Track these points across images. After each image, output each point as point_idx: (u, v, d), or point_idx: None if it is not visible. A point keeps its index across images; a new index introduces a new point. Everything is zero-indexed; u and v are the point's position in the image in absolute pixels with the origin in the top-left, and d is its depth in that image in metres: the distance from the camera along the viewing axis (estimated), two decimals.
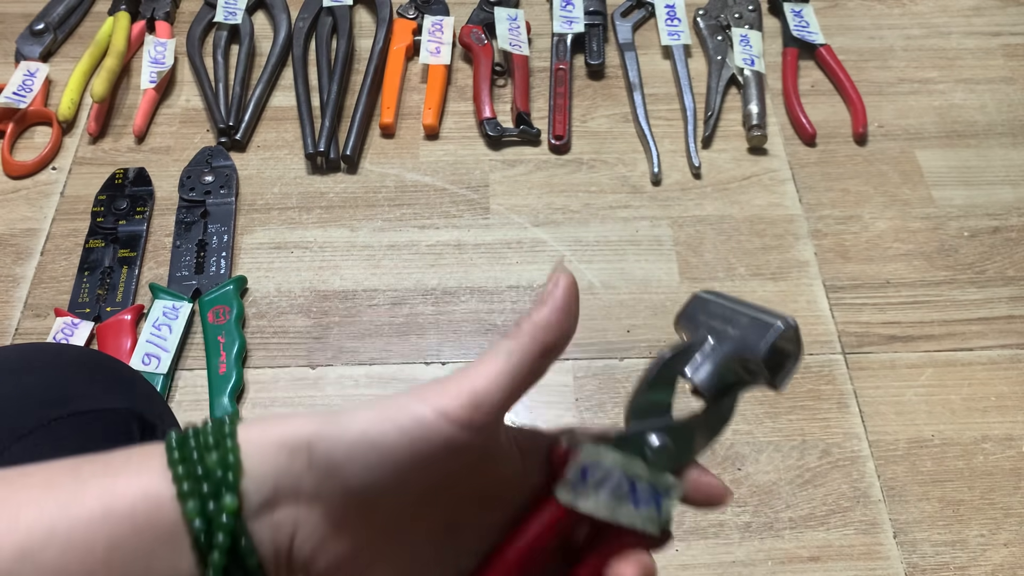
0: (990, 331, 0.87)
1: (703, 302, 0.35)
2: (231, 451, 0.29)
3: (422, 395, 0.29)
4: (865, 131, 1.02)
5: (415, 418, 0.29)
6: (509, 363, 0.30)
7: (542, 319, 0.31)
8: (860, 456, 0.79)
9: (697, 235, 0.94)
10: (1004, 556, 0.74)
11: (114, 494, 0.28)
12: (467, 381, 0.30)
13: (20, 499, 0.28)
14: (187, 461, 0.29)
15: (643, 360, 0.85)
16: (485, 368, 0.30)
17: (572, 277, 0.32)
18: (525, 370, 0.30)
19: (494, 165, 0.99)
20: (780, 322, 0.31)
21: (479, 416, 0.29)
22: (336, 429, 0.29)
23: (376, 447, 0.28)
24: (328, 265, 0.91)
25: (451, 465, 0.29)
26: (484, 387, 0.29)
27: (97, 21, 1.12)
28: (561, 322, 0.31)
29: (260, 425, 0.30)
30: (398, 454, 0.28)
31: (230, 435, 0.29)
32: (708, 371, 0.33)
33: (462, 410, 0.29)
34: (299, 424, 0.29)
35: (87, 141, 1.00)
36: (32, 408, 0.47)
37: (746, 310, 0.33)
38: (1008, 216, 0.96)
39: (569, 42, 1.08)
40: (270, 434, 0.29)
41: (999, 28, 1.14)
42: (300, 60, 1.05)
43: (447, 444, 0.29)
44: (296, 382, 0.83)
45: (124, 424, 0.50)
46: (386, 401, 0.29)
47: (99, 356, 0.56)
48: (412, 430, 0.28)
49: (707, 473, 0.34)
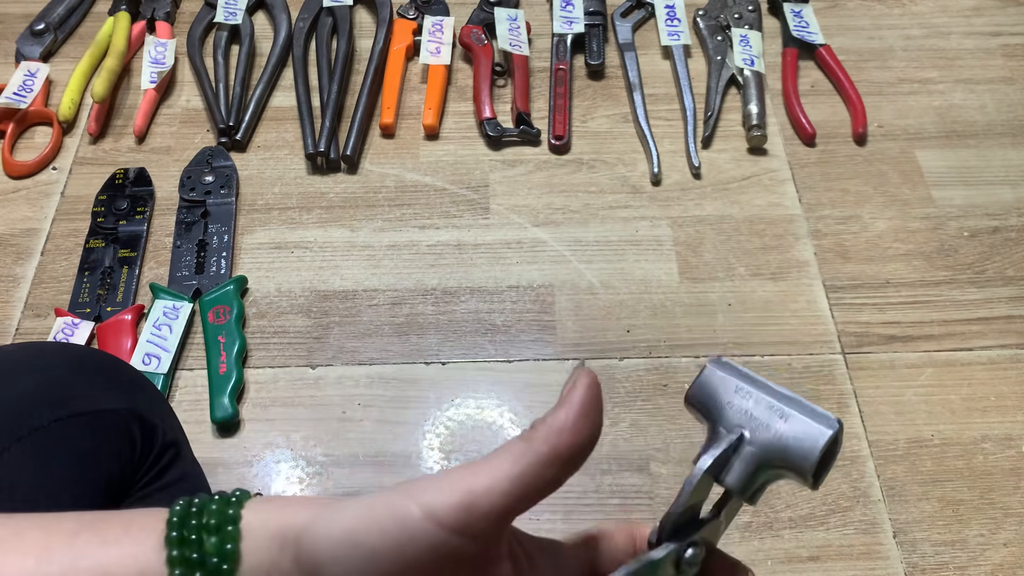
0: (990, 331, 0.87)
1: (720, 380, 0.31)
2: (231, 539, 0.28)
3: (412, 491, 0.27)
4: (865, 131, 1.02)
5: (400, 520, 0.26)
6: (515, 467, 0.27)
7: (557, 423, 0.27)
8: (860, 456, 0.79)
9: (697, 235, 0.94)
10: (1004, 556, 0.75)
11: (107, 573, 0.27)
12: (464, 480, 0.27)
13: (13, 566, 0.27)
14: (185, 543, 0.27)
15: (643, 360, 0.85)
16: (487, 468, 0.27)
17: (594, 377, 0.28)
18: (533, 477, 0.27)
19: (494, 165, 0.99)
20: (828, 427, 0.29)
21: (472, 521, 0.26)
22: (323, 526, 0.27)
23: (359, 548, 0.26)
24: (328, 265, 0.91)
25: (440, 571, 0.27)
26: (483, 489, 0.26)
27: (97, 21, 1.12)
28: (579, 428, 0.27)
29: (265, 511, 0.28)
30: (380, 557, 0.26)
31: (233, 520, 0.28)
32: (744, 474, 0.30)
33: (452, 512, 0.26)
34: (296, 512, 0.28)
35: (87, 141, 1.00)
36: (32, 408, 0.47)
37: (779, 402, 0.30)
38: (1008, 216, 0.96)
39: (569, 42, 1.08)
40: (271, 523, 0.28)
41: (999, 28, 1.14)
42: (300, 60, 1.05)
43: (434, 549, 0.26)
44: (296, 382, 0.83)
45: (124, 425, 0.50)
46: (377, 496, 0.27)
47: (101, 356, 0.56)
48: (396, 533, 0.26)
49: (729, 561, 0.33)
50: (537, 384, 0.83)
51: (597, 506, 0.76)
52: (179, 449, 0.55)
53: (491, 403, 0.82)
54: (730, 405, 0.30)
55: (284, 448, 0.79)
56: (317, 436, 0.80)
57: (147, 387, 0.56)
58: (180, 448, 0.55)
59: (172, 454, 0.54)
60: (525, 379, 0.83)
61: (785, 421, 0.29)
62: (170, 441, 0.54)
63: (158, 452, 0.52)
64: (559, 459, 0.27)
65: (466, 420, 0.81)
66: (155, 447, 0.52)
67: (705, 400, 0.31)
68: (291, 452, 0.79)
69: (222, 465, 0.78)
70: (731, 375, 0.31)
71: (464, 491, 0.26)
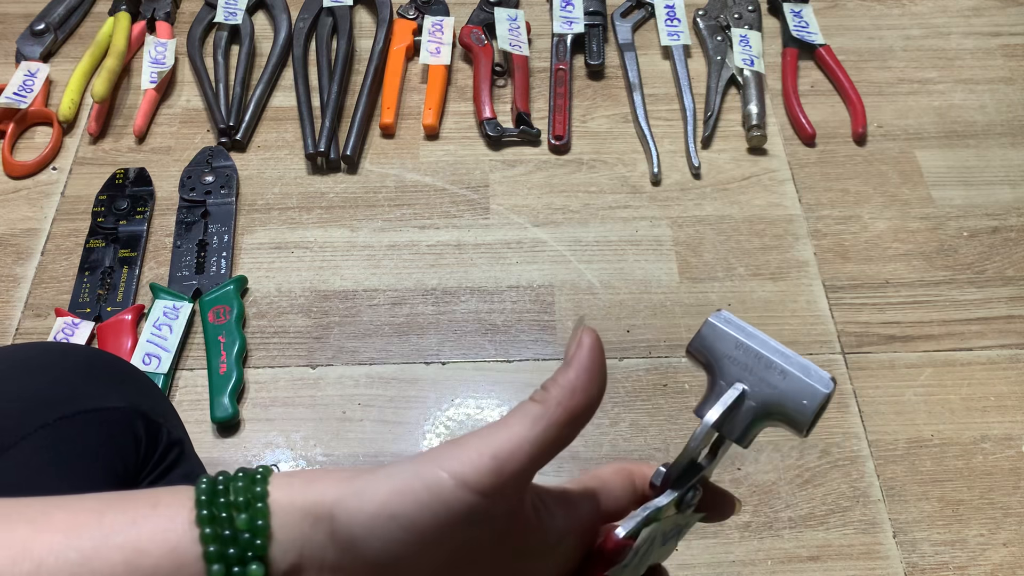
0: (989, 331, 0.87)
1: (721, 333, 0.33)
2: (261, 514, 0.28)
3: (441, 460, 0.28)
4: (864, 131, 1.02)
5: (433, 489, 0.27)
6: (534, 430, 0.28)
7: (568, 383, 0.29)
8: (860, 456, 0.79)
9: (697, 235, 0.94)
10: (1004, 556, 0.75)
11: (138, 549, 0.27)
12: (488, 445, 0.28)
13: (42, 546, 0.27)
14: (215, 520, 0.28)
15: (643, 360, 0.85)
16: (509, 432, 0.28)
17: (596, 335, 0.30)
18: (552, 437, 0.29)
19: (494, 165, 0.99)
20: (823, 387, 0.31)
21: (500, 483, 0.28)
22: (356, 501, 0.28)
23: (395, 520, 0.27)
24: (328, 265, 0.91)
25: (473, 533, 0.28)
26: (507, 453, 0.28)
27: (97, 21, 1.12)
28: (588, 386, 0.29)
29: (289, 486, 0.29)
30: (418, 527, 0.27)
31: (262, 497, 0.28)
32: (743, 425, 0.32)
33: (482, 478, 0.27)
34: (324, 488, 0.28)
35: (88, 141, 1.00)
36: (37, 407, 0.47)
37: (778, 359, 0.32)
38: (1007, 216, 0.96)
39: (569, 42, 1.08)
40: (298, 499, 0.28)
41: (999, 28, 1.14)
42: (300, 60, 1.05)
43: (468, 514, 0.27)
44: (296, 382, 0.83)
45: (129, 423, 0.50)
46: (406, 467, 0.28)
47: (103, 355, 0.56)
48: (431, 502, 0.27)
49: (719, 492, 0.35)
50: (537, 384, 0.82)
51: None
52: (183, 448, 0.55)
53: (491, 403, 0.82)
54: (730, 359, 0.32)
55: (284, 448, 0.80)
56: (317, 436, 0.80)
57: (150, 386, 0.56)
58: (184, 447, 0.55)
59: (176, 452, 0.54)
60: (525, 379, 0.83)
61: (784, 378, 0.31)
62: (174, 440, 0.54)
63: (163, 450, 0.52)
64: (572, 419, 0.29)
65: (466, 420, 0.81)
66: (159, 445, 0.52)
67: (706, 352, 0.33)
68: (291, 452, 0.79)
69: (222, 465, 0.78)
70: (731, 329, 0.33)
71: (491, 456, 0.28)
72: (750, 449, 0.79)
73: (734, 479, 0.78)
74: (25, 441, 0.45)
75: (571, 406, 0.29)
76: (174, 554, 0.27)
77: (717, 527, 0.75)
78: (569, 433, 0.29)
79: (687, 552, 0.74)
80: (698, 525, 0.77)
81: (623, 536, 0.31)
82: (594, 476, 0.35)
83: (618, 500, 0.34)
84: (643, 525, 0.32)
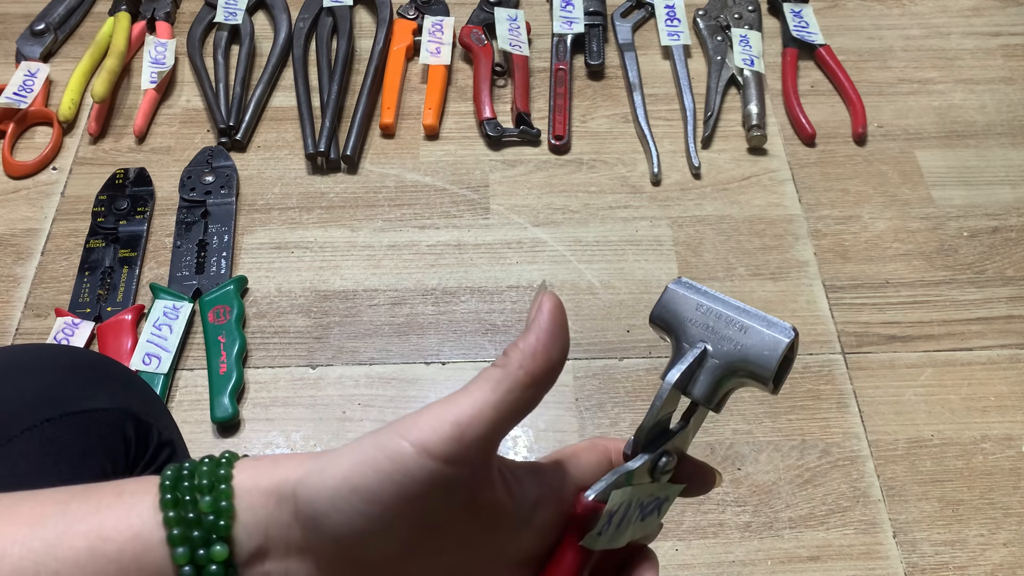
0: (989, 331, 0.87)
1: (681, 298, 0.33)
2: (224, 496, 0.28)
3: (401, 429, 0.28)
4: (865, 131, 1.02)
5: (394, 458, 0.27)
6: (496, 394, 0.28)
7: (529, 346, 0.29)
8: (860, 456, 0.79)
9: (697, 235, 0.94)
10: (1003, 556, 0.75)
11: (102, 536, 0.27)
12: (449, 412, 0.28)
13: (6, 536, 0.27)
14: (179, 504, 0.28)
15: (643, 360, 0.85)
16: (469, 398, 0.28)
17: (557, 299, 0.30)
18: (513, 401, 0.28)
19: (494, 165, 0.99)
20: (784, 336, 0.31)
21: (463, 449, 0.27)
22: (318, 477, 0.27)
23: (358, 493, 0.27)
24: (328, 265, 0.91)
25: (438, 503, 0.28)
26: (468, 418, 0.27)
27: (97, 21, 1.12)
28: (550, 350, 0.29)
29: (254, 469, 0.29)
30: (381, 498, 0.27)
31: (225, 479, 0.28)
32: (709, 385, 0.32)
33: (444, 444, 0.27)
34: (288, 469, 0.28)
35: (88, 141, 1.00)
36: (25, 408, 0.47)
37: (737, 315, 0.32)
38: (1007, 216, 0.96)
39: (569, 42, 1.08)
40: (263, 480, 0.28)
41: (998, 28, 1.14)
42: (300, 60, 1.05)
43: (431, 482, 0.27)
44: (296, 382, 0.83)
45: (117, 424, 0.50)
46: (366, 440, 0.28)
47: (94, 356, 0.56)
48: (392, 472, 0.27)
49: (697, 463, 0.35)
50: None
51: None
52: (174, 449, 0.55)
53: None
54: (691, 322, 0.32)
55: (284, 448, 0.80)
56: (317, 436, 0.80)
57: (142, 387, 0.56)
58: (175, 448, 0.55)
59: (167, 454, 0.54)
60: None
61: (744, 333, 0.31)
62: (165, 441, 0.54)
63: (153, 452, 0.52)
64: (535, 381, 0.29)
65: None
66: (150, 447, 0.52)
67: (668, 318, 0.33)
68: (291, 452, 0.79)
69: None
70: (691, 293, 0.33)
71: (452, 423, 0.27)
72: (750, 449, 0.79)
73: (734, 479, 0.78)
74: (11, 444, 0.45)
75: (532, 368, 0.29)
76: (138, 539, 0.27)
77: (717, 527, 0.75)
78: (532, 396, 0.29)
79: (687, 552, 0.74)
80: (698, 524, 0.77)
81: (592, 498, 0.31)
82: (569, 452, 0.34)
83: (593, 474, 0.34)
84: (612, 488, 0.31)
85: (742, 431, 0.80)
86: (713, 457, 0.79)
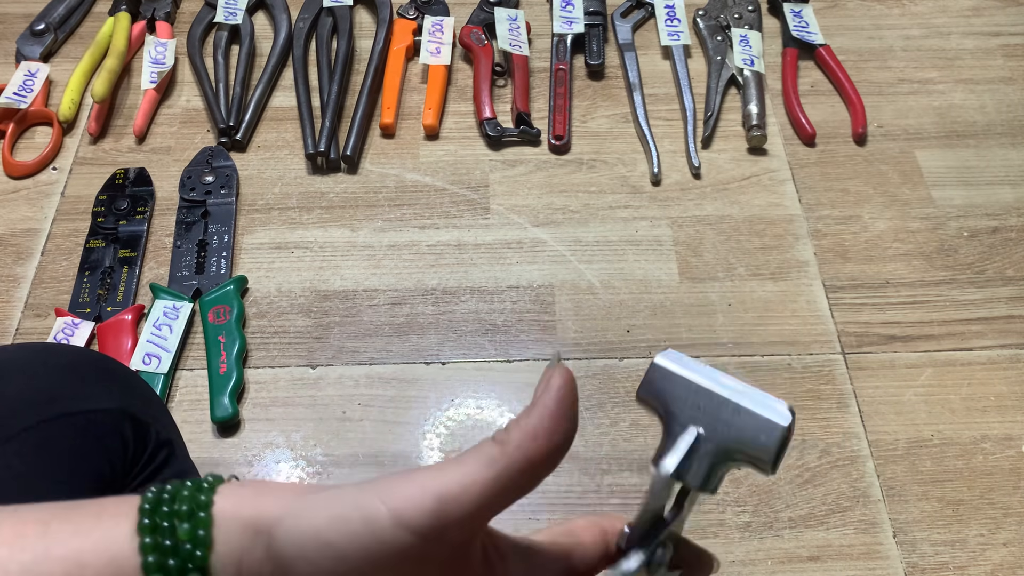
0: (989, 331, 0.87)
1: (669, 375, 0.30)
2: (203, 525, 0.27)
3: (383, 492, 0.27)
4: (865, 131, 1.02)
5: (369, 523, 0.26)
6: (488, 472, 0.26)
7: (531, 427, 0.27)
8: (860, 456, 0.79)
9: (697, 235, 0.94)
10: (1004, 556, 0.75)
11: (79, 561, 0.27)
12: (435, 482, 0.26)
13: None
14: (157, 529, 0.27)
15: (643, 360, 0.85)
16: (459, 471, 0.27)
17: (568, 375, 0.28)
18: (507, 483, 0.27)
19: (494, 165, 0.99)
20: (781, 420, 0.28)
21: (440, 527, 0.26)
22: (294, 522, 0.27)
23: (328, 549, 0.26)
24: (328, 265, 0.91)
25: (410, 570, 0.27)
26: (453, 494, 0.26)
27: (98, 21, 1.12)
28: (553, 433, 0.27)
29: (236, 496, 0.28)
30: (349, 558, 0.26)
31: (205, 506, 0.28)
32: (704, 471, 0.29)
33: (422, 518, 0.26)
34: (270, 503, 0.28)
35: (88, 141, 1.00)
36: (21, 409, 0.47)
37: (731, 396, 0.29)
38: (1007, 216, 0.96)
39: (569, 42, 1.08)
40: (244, 510, 0.28)
41: (999, 28, 1.14)
42: (300, 60, 1.05)
43: (401, 554, 0.26)
44: (296, 382, 0.83)
45: (115, 424, 0.50)
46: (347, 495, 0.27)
47: (92, 356, 0.55)
48: (364, 537, 0.26)
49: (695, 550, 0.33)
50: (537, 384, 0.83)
51: (597, 506, 0.76)
52: (173, 449, 0.54)
53: (491, 403, 0.82)
54: (682, 400, 0.30)
55: (284, 448, 0.80)
56: (317, 436, 0.80)
57: (140, 387, 0.56)
58: (174, 448, 0.55)
59: (166, 454, 0.53)
60: (525, 379, 0.83)
61: (739, 415, 0.29)
62: (164, 440, 0.53)
63: (151, 452, 0.52)
64: (533, 466, 0.27)
65: (466, 420, 0.81)
66: (148, 447, 0.52)
67: (656, 396, 0.31)
68: (291, 452, 0.79)
69: (222, 465, 0.78)
70: (680, 368, 0.30)
71: (435, 496, 0.26)
72: None
73: (734, 479, 0.78)
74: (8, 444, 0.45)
75: (531, 452, 0.27)
76: (114, 564, 0.27)
77: (717, 527, 0.75)
78: (528, 481, 0.27)
79: None
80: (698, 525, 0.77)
81: None
82: (567, 531, 0.33)
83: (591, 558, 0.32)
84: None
85: None
86: None
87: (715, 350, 0.85)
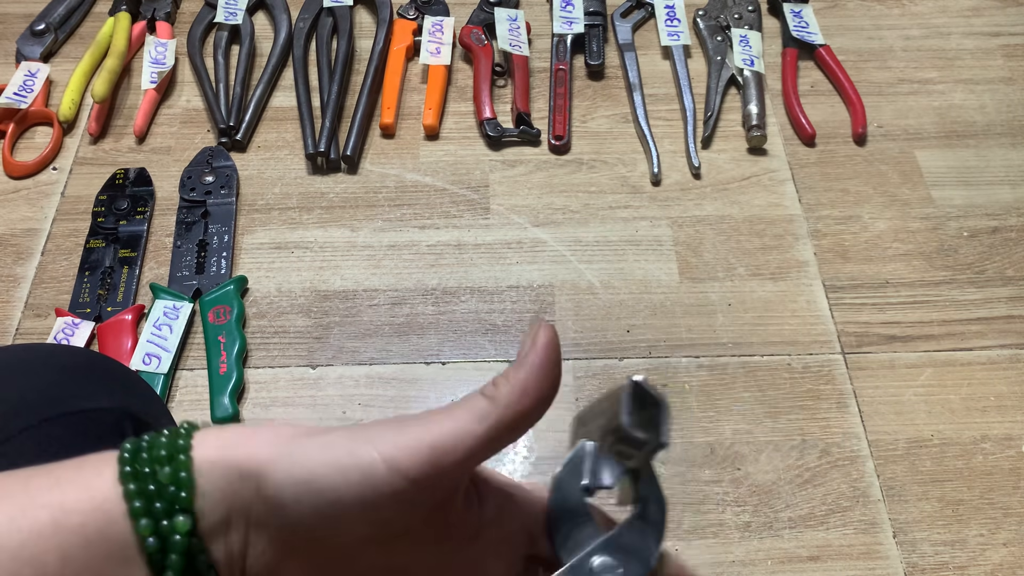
0: (989, 331, 0.87)
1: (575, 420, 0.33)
2: (184, 467, 0.28)
3: (377, 441, 0.28)
4: (864, 131, 1.02)
5: (364, 471, 0.27)
6: (480, 426, 0.28)
7: (519, 383, 0.29)
8: (859, 456, 0.79)
9: (697, 235, 0.94)
10: (1003, 556, 0.75)
11: (64, 508, 0.27)
12: (428, 433, 0.28)
13: None
14: (138, 476, 0.28)
15: (643, 360, 0.85)
16: (452, 423, 0.28)
17: (552, 333, 0.29)
18: (496, 435, 0.28)
19: (494, 165, 0.99)
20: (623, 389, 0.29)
21: (435, 475, 0.27)
22: (286, 466, 0.28)
23: (323, 493, 0.27)
24: (328, 265, 0.91)
25: (399, 515, 0.28)
26: (447, 445, 0.27)
27: (98, 21, 1.12)
28: (539, 386, 0.29)
29: (217, 440, 0.29)
30: (344, 503, 0.27)
31: (184, 449, 0.28)
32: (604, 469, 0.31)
33: (418, 467, 0.27)
34: (256, 447, 0.28)
35: (88, 141, 1.00)
36: (22, 409, 0.47)
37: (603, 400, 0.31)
38: (1007, 216, 0.96)
39: (569, 42, 1.08)
40: (227, 454, 0.28)
41: (998, 28, 1.14)
42: (300, 60, 1.05)
43: (395, 497, 0.27)
44: (296, 382, 0.83)
45: (116, 424, 0.50)
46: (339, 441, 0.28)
47: (92, 356, 0.55)
48: (360, 483, 0.27)
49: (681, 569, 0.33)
50: None
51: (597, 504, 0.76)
52: None
53: None
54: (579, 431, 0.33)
55: None
56: None
57: (141, 387, 0.56)
58: None
59: None
60: None
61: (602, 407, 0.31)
62: None
63: None
64: (520, 419, 0.28)
65: None
66: None
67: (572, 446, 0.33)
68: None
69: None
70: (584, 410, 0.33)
71: (429, 447, 0.27)
72: (749, 449, 0.79)
73: (734, 479, 0.78)
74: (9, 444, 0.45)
75: (520, 407, 0.28)
76: (100, 511, 0.27)
77: (717, 527, 0.75)
78: (516, 434, 0.29)
79: (686, 552, 0.74)
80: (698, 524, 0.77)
81: None
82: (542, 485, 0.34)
83: None
84: None
85: (742, 431, 0.80)
86: (713, 457, 0.79)
87: (715, 350, 0.86)
